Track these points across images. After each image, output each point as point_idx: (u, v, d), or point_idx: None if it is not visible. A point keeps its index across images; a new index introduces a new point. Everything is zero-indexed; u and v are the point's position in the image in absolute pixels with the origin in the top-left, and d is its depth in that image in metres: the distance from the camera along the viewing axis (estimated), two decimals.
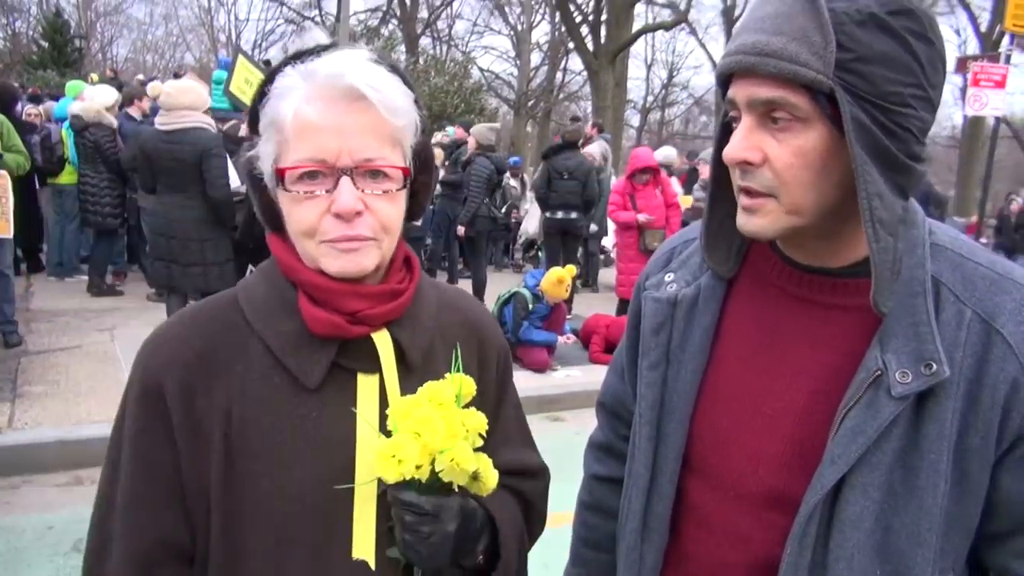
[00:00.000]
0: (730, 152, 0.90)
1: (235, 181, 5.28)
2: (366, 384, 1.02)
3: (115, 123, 7.35)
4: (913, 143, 0.86)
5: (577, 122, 12.20)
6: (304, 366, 0.98)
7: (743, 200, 0.93)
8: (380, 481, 0.98)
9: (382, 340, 1.03)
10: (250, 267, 6.27)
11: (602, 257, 11.04)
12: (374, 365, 1.02)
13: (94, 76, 12.23)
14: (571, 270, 6.41)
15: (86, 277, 7.71)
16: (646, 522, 1.06)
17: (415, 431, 0.92)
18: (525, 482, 1.17)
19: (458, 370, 1.02)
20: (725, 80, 0.91)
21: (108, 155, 7.15)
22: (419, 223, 8.04)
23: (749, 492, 0.98)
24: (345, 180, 0.93)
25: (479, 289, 7.91)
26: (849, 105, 0.82)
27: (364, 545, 0.99)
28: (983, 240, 11.46)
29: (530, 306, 6.25)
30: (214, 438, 0.96)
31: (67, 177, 7.73)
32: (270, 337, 0.99)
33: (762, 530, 0.97)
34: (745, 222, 0.93)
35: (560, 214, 7.95)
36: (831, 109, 0.84)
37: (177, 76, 9.56)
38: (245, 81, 6.93)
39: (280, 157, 0.95)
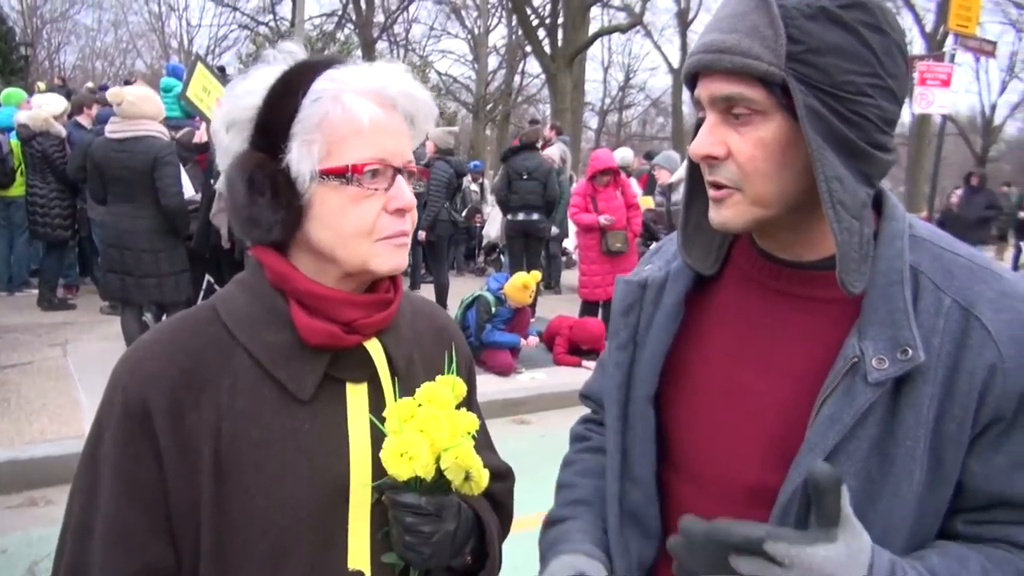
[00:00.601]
0: (695, 148, 0.93)
1: (189, 190, 5.18)
2: (355, 393, 1.03)
3: (63, 132, 7.17)
4: (874, 131, 0.88)
5: (536, 124, 12.24)
6: (296, 377, 0.98)
7: (711, 193, 0.96)
8: (375, 490, 1.00)
9: (375, 349, 1.04)
10: (207, 277, 6.16)
11: (564, 259, 11.08)
12: (363, 374, 1.04)
13: (41, 84, 11.91)
14: (536, 275, 6.43)
15: (36, 291, 7.50)
16: (623, 507, 1.07)
17: (421, 429, 0.94)
18: (494, 484, 1.17)
19: (452, 371, 1.05)
20: (692, 80, 0.95)
21: (57, 165, 6.97)
22: None
23: (732, 489, 0.99)
24: (401, 178, 0.99)
25: (442, 293, 7.88)
26: (802, 94, 0.85)
27: (359, 555, 1.00)
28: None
29: (493, 309, 6.24)
30: (204, 455, 0.94)
31: (15, 188, 7.50)
32: (258, 349, 0.98)
33: None
34: (714, 215, 0.96)
35: (521, 215, 7.95)
36: (787, 100, 0.87)
37: (128, 83, 9.34)
38: (203, 88, 6.79)
39: (331, 156, 0.95)
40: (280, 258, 1.00)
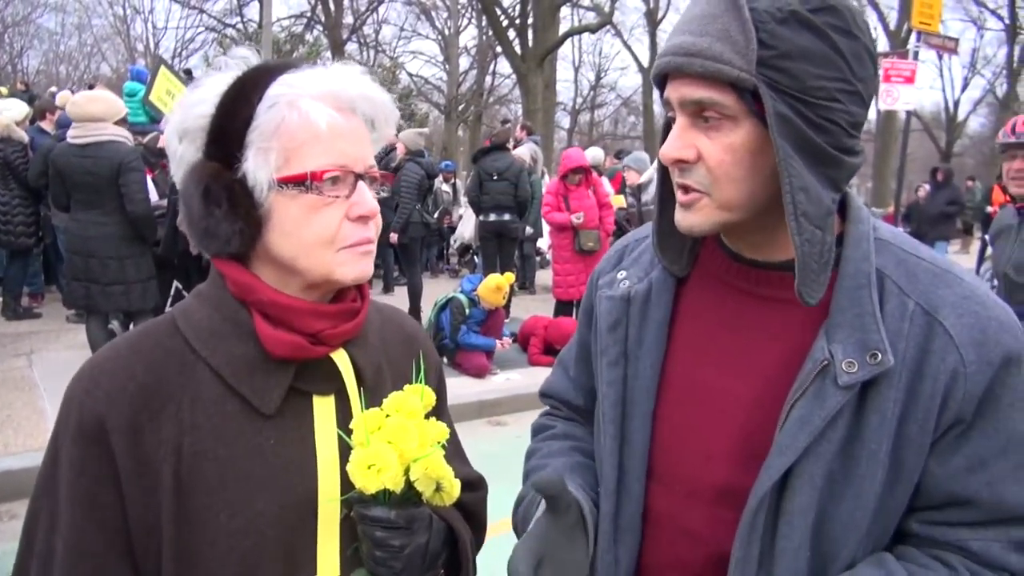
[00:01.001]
0: (665, 151, 0.93)
1: (155, 196, 5.09)
2: (322, 406, 1.00)
3: (26, 138, 7.02)
4: (843, 136, 0.88)
5: (507, 124, 12.23)
6: (260, 391, 0.95)
7: (680, 196, 0.95)
8: (343, 505, 0.97)
9: (342, 360, 1.01)
10: (175, 283, 6.07)
11: (538, 259, 11.08)
12: (329, 386, 1.01)
13: (2, 89, 11.64)
14: (509, 277, 6.43)
15: (0, 300, 7.34)
16: (617, 524, 1.06)
17: (389, 440, 0.91)
18: (466, 494, 1.16)
19: (420, 380, 1.02)
20: (662, 81, 0.94)
21: (19, 172, 6.81)
22: None
23: (701, 489, 0.99)
24: (363, 184, 0.96)
25: (415, 295, 7.84)
26: (772, 100, 0.84)
27: (329, 573, 0.97)
28: (899, 229, 11.96)
29: (467, 311, 6.22)
30: (164, 475, 0.91)
31: None
32: (220, 363, 0.95)
33: (714, 526, 0.97)
34: (681, 218, 0.96)
35: (493, 216, 7.94)
36: (757, 106, 0.86)
37: (92, 88, 9.18)
38: (167, 92, 6.70)
39: (289, 164, 0.92)
40: (242, 269, 0.97)
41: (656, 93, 1.13)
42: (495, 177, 7.85)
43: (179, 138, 0.96)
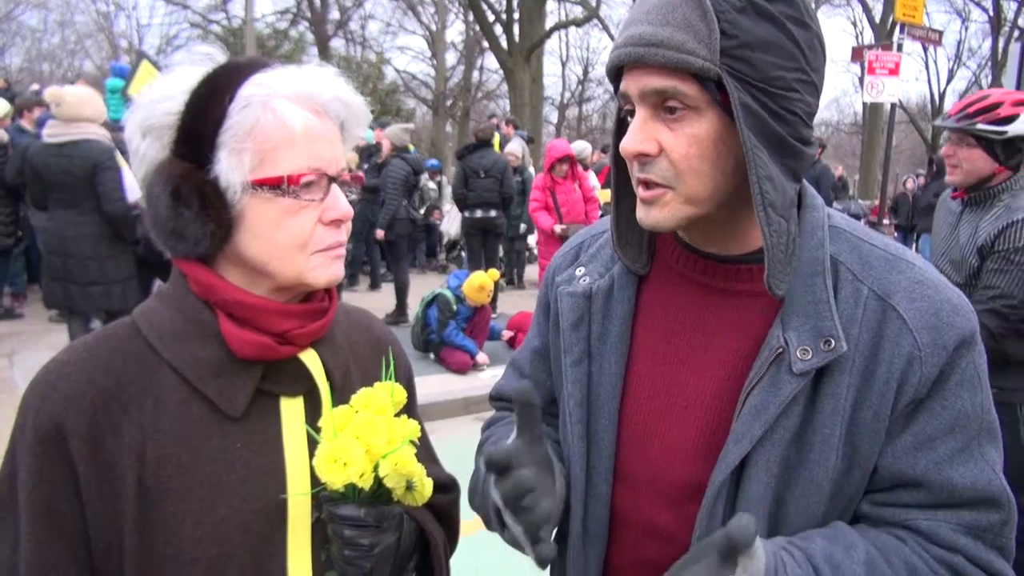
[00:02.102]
0: (626, 145, 0.91)
1: (135, 193, 5.02)
2: (291, 408, 0.98)
3: (5, 137, 6.92)
4: (800, 126, 0.88)
5: (493, 119, 12.20)
6: (226, 393, 0.93)
7: (641, 192, 0.93)
8: (314, 507, 0.96)
9: (312, 360, 0.99)
10: (157, 281, 6.02)
11: (528, 254, 11.08)
12: (298, 387, 0.99)
13: None
14: (493, 275, 6.39)
15: None
16: (586, 527, 1.04)
17: (357, 435, 0.89)
18: (439, 496, 1.15)
19: (390, 377, 1.00)
20: (616, 74, 0.92)
21: None
22: None
23: (667, 487, 0.98)
24: (335, 187, 0.96)
25: (402, 292, 7.81)
26: (737, 91, 0.84)
27: None
28: (885, 220, 11.98)
29: (453, 307, 6.20)
30: (127, 482, 0.88)
31: None
32: (184, 365, 0.92)
33: (680, 523, 0.96)
34: (644, 215, 0.93)
35: (479, 213, 7.92)
36: (721, 96, 0.85)
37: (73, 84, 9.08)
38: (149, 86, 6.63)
39: (264, 166, 0.90)
40: (206, 269, 0.95)
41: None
42: (481, 175, 7.84)
43: (142, 134, 0.93)
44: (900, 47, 10.38)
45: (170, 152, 0.91)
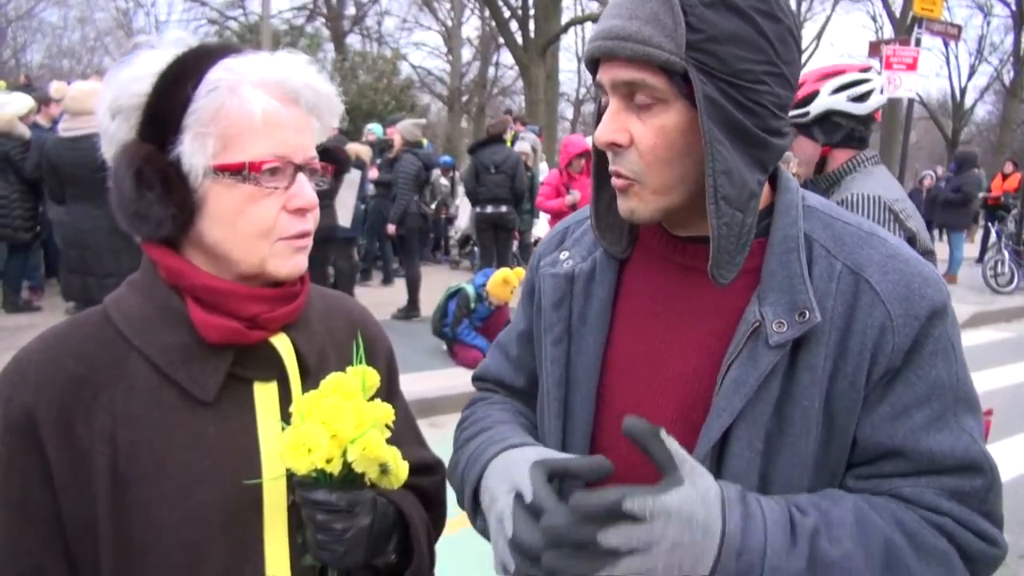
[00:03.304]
0: (599, 135, 0.94)
1: None
2: (264, 392, 0.99)
3: (28, 133, 7.01)
4: (770, 118, 0.90)
5: (508, 115, 12.20)
6: (197, 378, 0.93)
7: (615, 182, 0.96)
8: (289, 492, 0.96)
9: (283, 344, 0.99)
10: None
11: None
12: (271, 372, 0.99)
13: (2, 83, 11.67)
14: (519, 272, 6.34)
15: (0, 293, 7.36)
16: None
17: (323, 421, 0.89)
18: (423, 478, 1.16)
19: (360, 361, 1.00)
20: (595, 66, 0.94)
21: (20, 167, 6.83)
22: (349, 224, 7.72)
23: (644, 465, 0.97)
24: (302, 175, 0.95)
25: (414, 286, 7.84)
26: (701, 83, 0.86)
27: (278, 562, 0.96)
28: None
29: (471, 305, 6.21)
30: (99, 468, 0.89)
31: None
32: (154, 352, 0.93)
33: None
34: (622, 204, 0.97)
35: (490, 208, 7.93)
36: (688, 88, 0.88)
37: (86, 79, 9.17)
38: None
39: (227, 151, 0.90)
40: (173, 254, 0.95)
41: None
42: (492, 170, 7.83)
43: (112, 115, 0.93)
44: (918, 42, 10.28)
45: (136, 133, 0.92)
